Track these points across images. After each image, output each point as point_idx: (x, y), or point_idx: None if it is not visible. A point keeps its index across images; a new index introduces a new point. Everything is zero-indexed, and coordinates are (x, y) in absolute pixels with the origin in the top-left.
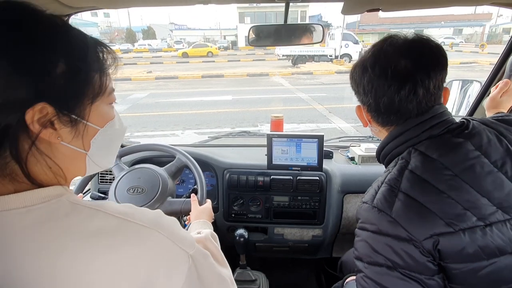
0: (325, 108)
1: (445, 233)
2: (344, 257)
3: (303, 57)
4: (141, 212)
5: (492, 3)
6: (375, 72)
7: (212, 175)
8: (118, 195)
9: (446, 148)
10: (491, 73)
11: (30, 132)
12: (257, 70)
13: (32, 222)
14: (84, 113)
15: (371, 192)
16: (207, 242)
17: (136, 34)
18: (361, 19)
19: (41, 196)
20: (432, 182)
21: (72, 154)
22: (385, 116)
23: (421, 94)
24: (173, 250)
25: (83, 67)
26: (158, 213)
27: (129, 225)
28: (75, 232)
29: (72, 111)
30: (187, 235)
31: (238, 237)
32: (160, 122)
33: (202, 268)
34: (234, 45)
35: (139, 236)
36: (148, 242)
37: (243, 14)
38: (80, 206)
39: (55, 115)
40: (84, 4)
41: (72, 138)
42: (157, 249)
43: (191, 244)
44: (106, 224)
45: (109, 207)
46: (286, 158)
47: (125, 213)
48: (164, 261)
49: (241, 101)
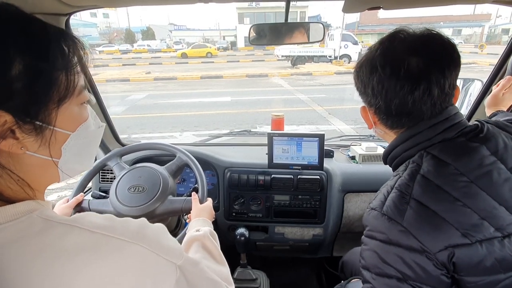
0: (325, 110)
1: (461, 245)
2: (345, 257)
3: (302, 58)
4: (122, 224)
5: (493, 2)
6: (385, 72)
7: (213, 174)
8: (119, 194)
9: (461, 152)
10: (492, 71)
11: None
12: (256, 71)
13: (5, 241)
14: (50, 118)
15: (379, 198)
16: (205, 240)
17: (135, 34)
18: (361, 20)
19: (10, 213)
20: (446, 188)
21: (41, 163)
22: (395, 118)
23: (436, 95)
24: (158, 263)
25: (44, 66)
26: (141, 224)
27: (108, 241)
28: (49, 251)
29: (35, 117)
30: (175, 245)
31: (239, 236)
32: (158, 124)
33: (192, 276)
34: (233, 45)
35: (119, 252)
36: (130, 257)
37: (242, 15)
38: (54, 223)
39: (14, 124)
40: (85, 2)
41: (38, 146)
42: (140, 263)
43: (178, 254)
44: (82, 241)
45: (86, 222)
46: (287, 157)
47: (104, 227)
48: (149, 275)
49: (240, 102)
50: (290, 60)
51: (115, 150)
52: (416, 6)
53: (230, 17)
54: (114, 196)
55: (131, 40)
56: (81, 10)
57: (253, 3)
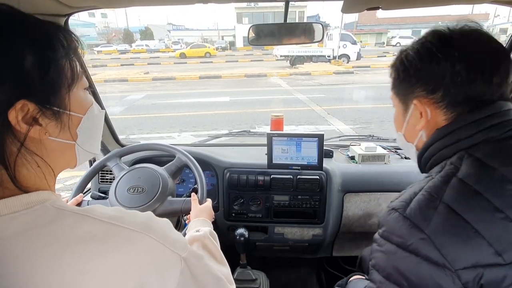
0: (324, 110)
1: (492, 265)
2: (364, 252)
3: (301, 58)
4: (131, 215)
5: (492, 1)
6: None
7: (212, 174)
8: (118, 195)
9: None
10: None
11: (16, 134)
12: (255, 70)
13: (18, 230)
14: (65, 103)
15: (404, 198)
16: (205, 240)
17: (133, 34)
18: (359, 20)
19: (25, 202)
20: (487, 195)
21: (61, 147)
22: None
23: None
24: (165, 254)
25: (52, 56)
26: (148, 216)
27: (118, 230)
28: (62, 238)
29: (53, 104)
30: (180, 237)
31: (239, 237)
32: (156, 124)
33: (196, 269)
34: (232, 45)
35: (128, 241)
36: (138, 247)
37: (241, 15)
38: (66, 212)
39: (37, 111)
40: (84, 3)
41: (58, 131)
42: (148, 253)
43: (183, 247)
44: (94, 230)
45: (97, 212)
46: (286, 157)
47: (113, 218)
48: (156, 265)
49: (238, 102)
50: (289, 60)
51: (114, 151)
52: (415, 6)
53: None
54: (113, 197)
55: (130, 40)
56: (80, 11)
57: (252, 3)
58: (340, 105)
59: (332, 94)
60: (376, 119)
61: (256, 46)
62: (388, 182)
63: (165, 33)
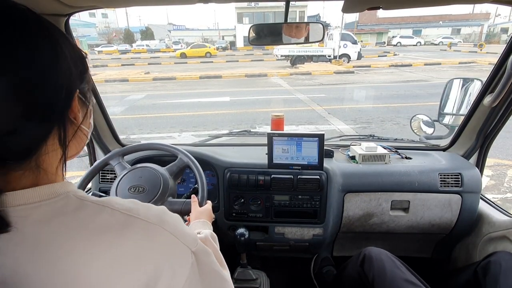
0: (324, 109)
1: None
2: (368, 250)
3: (301, 58)
4: (146, 208)
5: (493, 1)
6: None
7: (212, 174)
8: (119, 194)
9: None
10: (492, 71)
11: (72, 119)
12: (255, 70)
13: (42, 217)
14: (88, 95)
15: None
16: (207, 242)
17: (134, 34)
18: (360, 19)
19: (48, 192)
20: None
21: (81, 136)
22: None
23: None
24: (178, 247)
25: (75, 48)
26: (162, 210)
27: (135, 221)
28: (83, 227)
29: (85, 95)
30: (190, 232)
31: (239, 236)
32: (157, 124)
33: (204, 265)
34: (232, 45)
35: (145, 232)
36: (154, 238)
37: (241, 14)
38: (87, 202)
39: (79, 99)
40: (84, 3)
41: (85, 121)
42: (162, 245)
43: (194, 241)
44: (113, 220)
45: (114, 203)
46: (287, 157)
47: (130, 209)
48: (169, 257)
49: (239, 102)
50: (289, 60)
51: (117, 150)
52: (415, 6)
53: (229, 17)
54: (114, 196)
55: (130, 40)
56: (80, 10)
57: (252, 3)
58: (341, 105)
59: (333, 94)
60: (376, 119)
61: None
62: (388, 182)
63: (166, 33)
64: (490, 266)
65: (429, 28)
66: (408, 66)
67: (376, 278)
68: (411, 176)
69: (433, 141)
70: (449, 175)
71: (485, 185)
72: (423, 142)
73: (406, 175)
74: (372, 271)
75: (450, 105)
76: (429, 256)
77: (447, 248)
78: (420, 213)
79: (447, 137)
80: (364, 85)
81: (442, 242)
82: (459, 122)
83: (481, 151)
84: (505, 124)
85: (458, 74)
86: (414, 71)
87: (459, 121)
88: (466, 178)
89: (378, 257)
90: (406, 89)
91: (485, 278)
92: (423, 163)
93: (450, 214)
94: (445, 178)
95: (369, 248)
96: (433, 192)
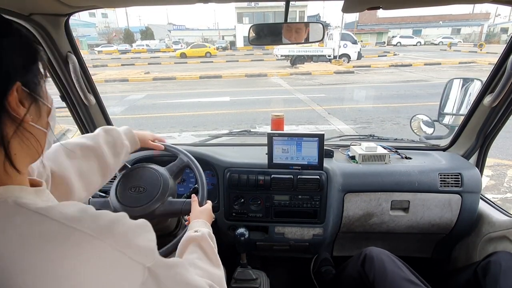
0: (324, 109)
1: None
2: (368, 250)
3: (301, 58)
4: (94, 217)
5: (493, 1)
6: None
7: (212, 174)
8: (119, 194)
9: None
10: (491, 71)
11: (11, 116)
12: (255, 70)
13: None
14: (42, 93)
15: None
16: (202, 241)
17: (134, 34)
18: (360, 19)
19: None
20: None
21: (36, 135)
22: None
23: None
24: (120, 262)
25: (27, 40)
26: (116, 219)
27: (71, 233)
28: (15, 235)
29: (37, 92)
30: (147, 245)
31: (239, 236)
32: (157, 124)
33: (165, 280)
34: (232, 45)
35: (79, 246)
36: (89, 253)
37: (241, 14)
38: (25, 210)
39: (26, 95)
40: (84, 3)
41: (37, 119)
42: (100, 260)
43: (149, 255)
44: (47, 230)
45: (56, 212)
46: (287, 157)
47: (71, 219)
48: (110, 274)
49: (239, 102)
50: (289, 60)
51: None
52: (415, 6)
53: (229, 16)
54: (114, 196)
55: (130, 40)
56: (80, 10)
57: (252, 3)
58: (341, 105)
59: (333, 94)
60: (376, 119)
61: (256, 46)
62: (388, 182)
63: (166, 33)
64: (490, 266)
65: (429, 28)
66: (408, 66)
67: (377, 277)
68: (411, 176)
69: (433, 141)
70: (449, 175)
71: (485, 185)
72: (423, 142)
73: (406, 175)
74: (372, 271)
75: (450, 105)
76: (429, 256)
77: (447, 248)
78: (420, 213)
79: (447, 137)
80: (364, 85)
81: (442, 242)
82: (459, 122)
83: (481, 151)
84: (505, 124)
85: (458, 74)
86: (414, 71)
87: (459, 121)
88: (466, 178)
89: (379, 257)
90: (406, 89)
91: (485, 278)
92: (423, 163)
93: (450, 214)
94: (445, 178)
95: (369, 248)
96: (433, 192)
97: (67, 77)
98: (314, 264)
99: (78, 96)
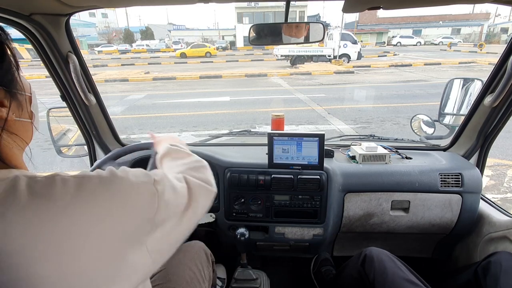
0: (324, 109)
1: None
2: (368, 251)
3: (301, 58)
4: (96, 171)
5: (493, 1)
6: None
7: (212, 174)
8: None
9: None
10: (492, 71)
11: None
12: (255, 70)
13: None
14: (19, 85)
15: None
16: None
17: (134, 34)
18: (360, 19)
19: None
20: None
21: (22, 128)
22: None
23: None
24: (139, 188)
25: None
26: (111, 167)
27: (91, 177)
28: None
29: (13, 86)
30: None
31: (239, 236)
32: (157, 124)
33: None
34: (232, 45)
35: (102, 185)
36: (111, 187)
37: (241, 14)
38: (38, 177)
39: (4, 94)
40: (84, 3)
41: (20, 112)
42: (121, 190)
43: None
44: (67, 184)
45: (62, 173)
46: (287, 157)
47: (79, 174)
48: (131, 201)
49: (239, 102)
50: (289, 60)
51: (110, 153)
52: (416, 6)
53: (229, 16)
54: None
55: (130, 40)
56: (81, 10)
57: (252, 3)
58: (341, 105)
59: (333, 94)
60: (376, 119)
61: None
62: (389, 182)
63: (166, 33)
64: (491, 266)
65: (429, 28)
66: (408, 66)
67: (377, 278)
68: (412, 176)
69: (433, 141)
70: (450, 175)
71: (485, 185)
72: (424, 142)
73: (406, 175)
74: (373, 271)
75: (451, 105)
76: (429, 256)
77: (448, 248)
78: (420, 213)
79: (447, 137)
80: (364, 85)
81: (442, 242)
82: (459, 122)
83: (482, 151)
84: (505, 124)
85: (458, 74)
86: (414, 71)
87: (459, 121)
88: (466, 178)
89: (379, 257)
90: (406, 89)
91: (486, 278)
92: (423, 163)
93: (450, 214)
94: (446, 178)
95: (370, 248)
96: (434, 192)
97: (68, 77)
98: (314, 264)
99: (79, 96)
